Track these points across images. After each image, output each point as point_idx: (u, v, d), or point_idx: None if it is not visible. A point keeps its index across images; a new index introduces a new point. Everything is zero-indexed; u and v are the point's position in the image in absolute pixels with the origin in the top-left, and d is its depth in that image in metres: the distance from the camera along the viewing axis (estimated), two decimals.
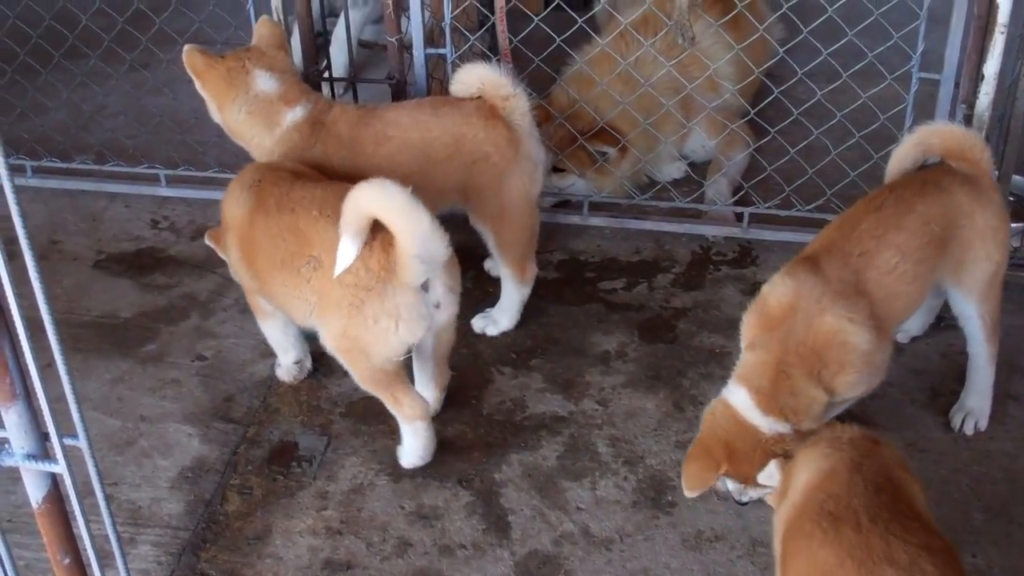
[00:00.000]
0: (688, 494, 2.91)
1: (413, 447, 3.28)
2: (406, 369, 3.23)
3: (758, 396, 2.89)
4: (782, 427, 2.87)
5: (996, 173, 3.25)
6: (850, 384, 2.94)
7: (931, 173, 3.20)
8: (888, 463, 2.49)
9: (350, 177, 3.15)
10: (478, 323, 3.81)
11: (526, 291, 3.79)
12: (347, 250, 2.95)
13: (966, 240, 3.09)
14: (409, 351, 3.16)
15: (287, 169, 3.36)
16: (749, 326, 3.04)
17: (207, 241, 3.51)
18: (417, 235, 2.89)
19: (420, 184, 3.49)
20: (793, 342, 2.90)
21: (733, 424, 2.91)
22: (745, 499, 3.01)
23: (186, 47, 3.51)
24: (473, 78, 3.55)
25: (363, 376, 3.20)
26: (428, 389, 3.38)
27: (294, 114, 3.53)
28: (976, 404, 3.34)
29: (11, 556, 2.23)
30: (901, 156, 3.25)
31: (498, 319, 3.80)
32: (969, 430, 3.34)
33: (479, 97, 3.56)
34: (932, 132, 3.23)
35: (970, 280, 3.15)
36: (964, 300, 3.20)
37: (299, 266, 3.13)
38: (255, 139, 3.56)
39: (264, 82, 3.52)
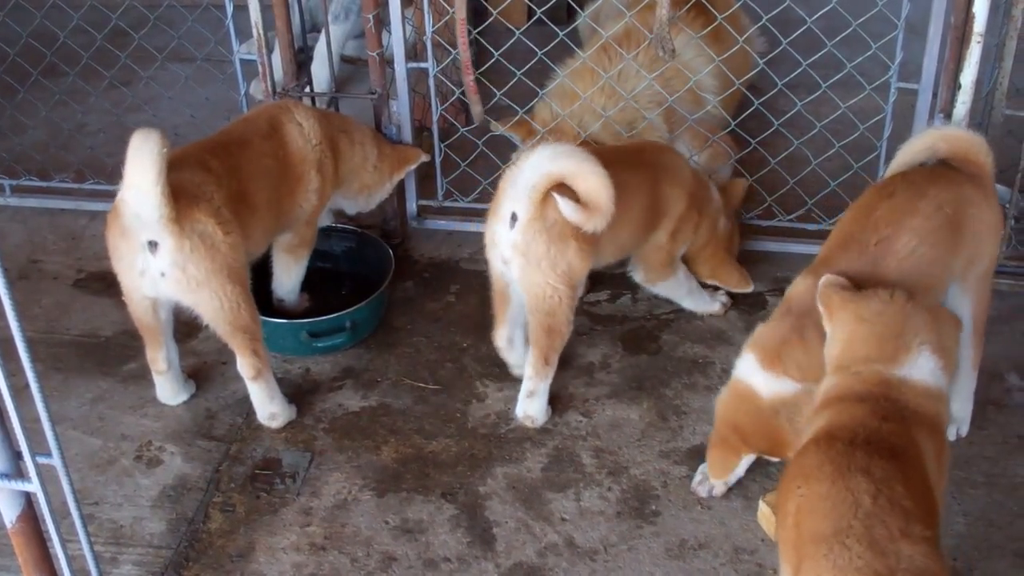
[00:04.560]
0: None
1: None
2: None
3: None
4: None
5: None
6: None
7: (937, 167, 3.14)
8: (909, 406, 2.48)
9: None
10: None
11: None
12: None
13: (977, 232, 3.04)
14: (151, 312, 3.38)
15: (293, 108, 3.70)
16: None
17: None
18: (132, 187, 3.09)
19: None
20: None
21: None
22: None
23: None
24: None
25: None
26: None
27: None
28: (958, 410, 3.33)
29: None
30: (909, 152, 3.19)
31: None
32: (951, 436, 3.33)
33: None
34: (941, 136, 3.17)
35: (972, 276, 3.11)
36: (962, 295, 3.14)
37: None
38: None
39: None
